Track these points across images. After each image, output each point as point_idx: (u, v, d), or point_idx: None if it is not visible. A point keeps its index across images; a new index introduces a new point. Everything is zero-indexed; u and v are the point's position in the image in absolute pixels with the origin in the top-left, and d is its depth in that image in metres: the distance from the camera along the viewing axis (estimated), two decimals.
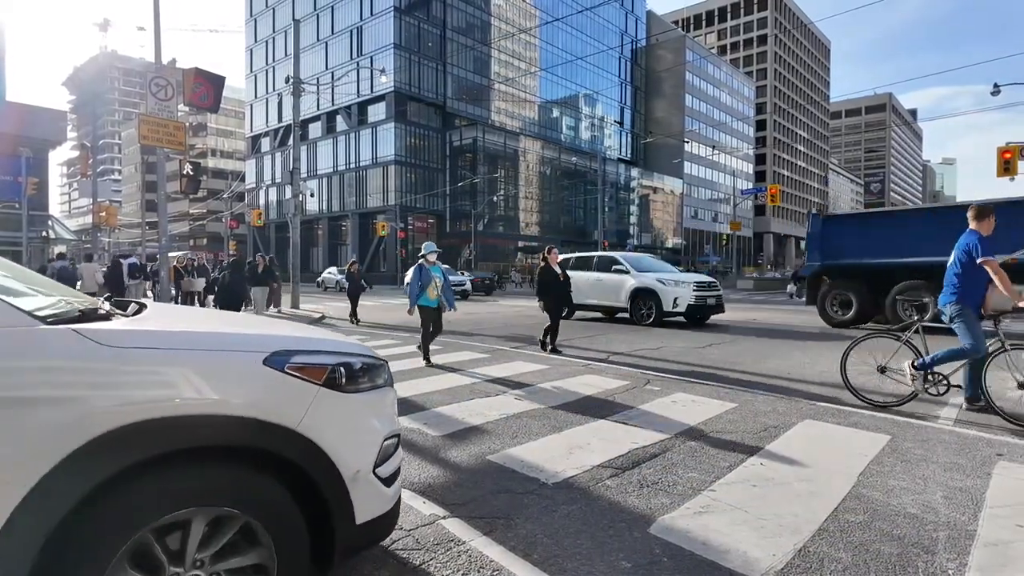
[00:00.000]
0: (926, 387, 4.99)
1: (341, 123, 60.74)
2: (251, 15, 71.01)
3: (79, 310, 1.88)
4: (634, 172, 77.55)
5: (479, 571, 2.33)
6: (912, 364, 5.02)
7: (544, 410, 4.98)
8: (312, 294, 29.89)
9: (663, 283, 12.23)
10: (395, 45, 54.25)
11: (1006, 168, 17.22)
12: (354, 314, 13.99)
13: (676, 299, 11.94)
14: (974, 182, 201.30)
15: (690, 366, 7.30)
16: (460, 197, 55.44)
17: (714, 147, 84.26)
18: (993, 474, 3.40)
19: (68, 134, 50.83)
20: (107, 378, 1.59)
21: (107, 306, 2.10)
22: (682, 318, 12.42)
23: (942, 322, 5.06)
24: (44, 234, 27.84)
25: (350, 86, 54.52)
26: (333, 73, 57.14)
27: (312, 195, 59.46)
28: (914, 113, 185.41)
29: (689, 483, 3.27)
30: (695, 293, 12.06)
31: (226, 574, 1.74)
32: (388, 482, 2.11)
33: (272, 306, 14.93)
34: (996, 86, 21.47)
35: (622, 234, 71.03)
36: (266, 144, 68.45)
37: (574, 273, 13.63)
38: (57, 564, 1.47)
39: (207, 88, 12.33)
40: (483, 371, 6.90)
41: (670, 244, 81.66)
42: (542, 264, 8.82)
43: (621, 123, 79.25)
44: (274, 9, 66.80)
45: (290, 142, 20.10)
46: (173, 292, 15.32)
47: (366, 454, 2.02)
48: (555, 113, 70.24)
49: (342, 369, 1.99)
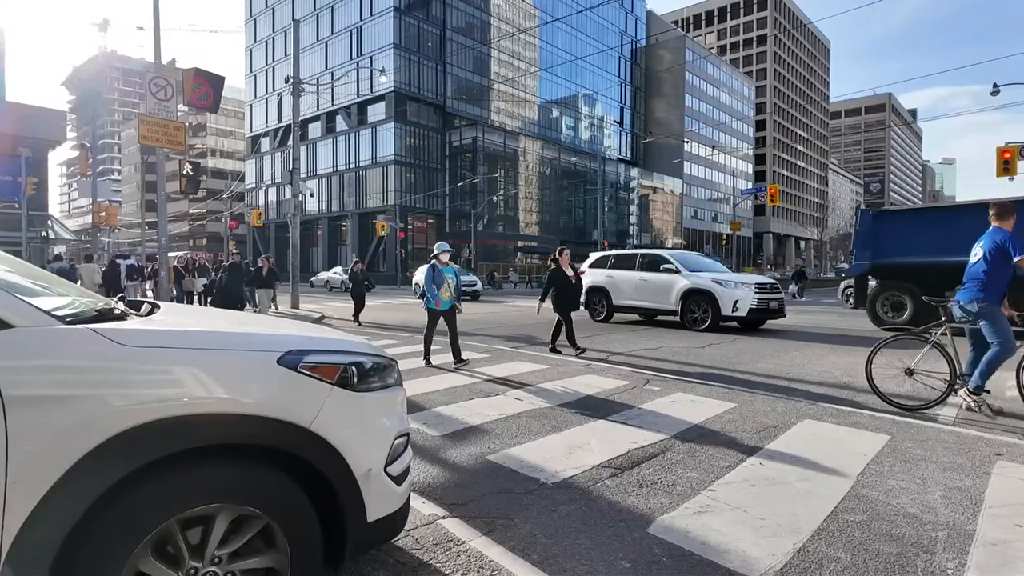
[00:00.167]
0: (979, 407, 4.74)
1: (341, 123, 60.74)
2: (251, 15, 71.03)
3: (96, 310, 1.90)
4: (634, 172, 77.59)
5: (479, 571, 2.33)
6: (969, 391, 4.78)
7: (544, 410, 4.99)
8: (308, 294, 29.86)
9: (721, 284, 11.07)
10: (395, 45, 54.27)
11: (1005, 168, 17.24)
12: (357, 315, 13.84)
13: (736, 302, 10.83)
14: (973, 182, 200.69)
15: (689, 366, 7.30)
16: (460, 197, 55.46)
17: (714, 147, 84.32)
18: (992, 474, 3.40)
19: (67, 134, 50.77)
20: (125, 376, 1.60)
21: (121, 306, 2.13)
22: (735, 323, 11.28)
23: (966, 321, 4.86)
24: (44, 234, 27.83)
25: (350, 86, 54.53)
26: (333, 73, 57.16)
27: (312, 195, 59.51)
28: (914, 113, 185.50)
29: (688, 483, 3.27)
30: (757, 296, 10.94)
31: (240, 574, 1.76)
32: (398, 480, 2.13)
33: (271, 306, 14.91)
34: (995, 86, 21.49)
35: (622, 234, 71.09)
36: (266, 144, 68.48)
37: (615, 272, 12.83)
38: (83, 550, 1.51)
39: (207, 88, 12.33)
40: (483, 371, 6.90)
41: (670, 244, 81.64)
42: (552, 266, 8.46)
43: (621, 123, 79.27)
44: (274, 9, 66.82)
45: (290, 142, 20.10)
46: (175, 292, 15.31)
47: (377, 452, 2.03)
48: (555, 113, 70.25)
49: (354, 368, 2.01)
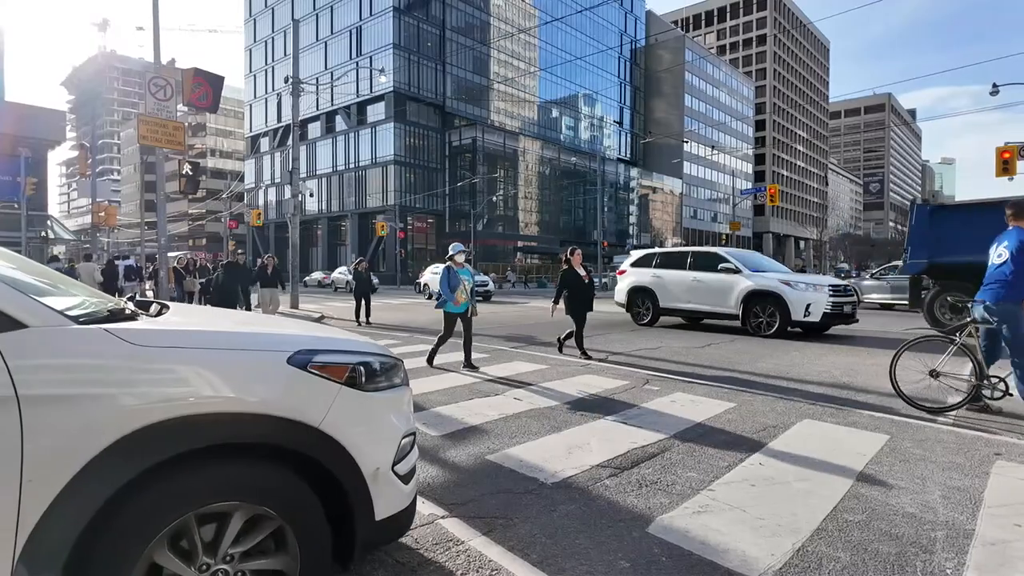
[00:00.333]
0: (994, 395, 4.76)
1: (340, 123, 60.73)
2: (250, 15, 71.01)
3: (108, 310, 1.91)
4: (633, 172, 77.60)
5: (478, 571, 2.33)
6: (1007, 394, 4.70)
7: (543, 410, 4.99)
8: (303, 294, 29.85)
9: (791, 286, 10.12)
10: (394, 45, 54.26)
11: (1005, 168, 17.24)
12: (358, 314, 13.63)
13: (808, 306, 9.89)
14: (973, 182, 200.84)
15: (689, 366, 7.30)
16: (459, 197, 55.44)
17: (713, 147, 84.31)
18: (991, 473, 3.41)
19: (67, 134, 50.73)
20: (139, 376, 1.62)
21: (131, 306, 2.14)
22: (799, 328, 10.28)
23: (989, 323, 4.75)
24: (43, 234, 27.85)
25: (349, 86, 54.51)
26: (332, 73, 57.14)
27: (311, 195, 59.49)
28: (913, 113, 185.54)
29: (688, 483, 3.27)
30: (832, 299, 9.95)
31: (250, 574, 1.77)
32: (406, 479, 2.15)
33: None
34: (995, 86, 21.51)
35: (621, 234, 71.09)
36: (265, 144, 68.47)
37: (662, 272, 11.96)
38: (97, 546, 1.52)
39: (206, 88, 12.33)
40: (482, 371, 6.90)
41: (669, 244, 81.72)
42: (565, 266, 8.13)
43: (620, 123, 79.26)
44: (273, 9, 66.80)
45: (289, 142, 20.10)
46: (176, 293, 15.30)
47: (385, 452, 2.05)
48: (554, 113, 70.25)
49: (362, 368, 2.03)
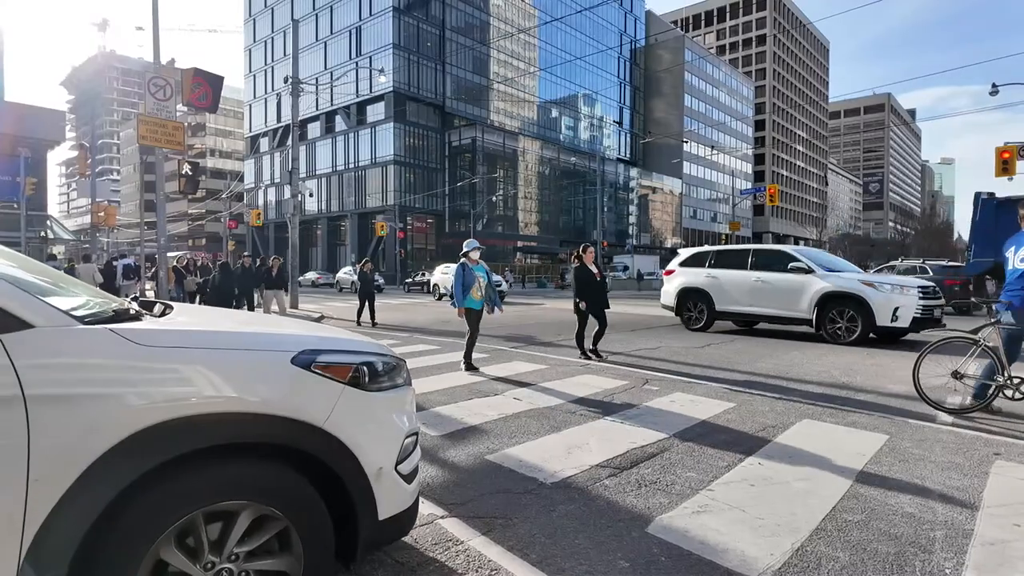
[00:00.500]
0: (1015, 396, 4.67)
1: (340, 123, 60.72)
2: (250, 15, 70.99)
3: (112, 310, 1.92)
4: (633, 172, 77.60)
5: (477, 571, 2.33)
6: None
7: (543, 410, 4.99)
8: (304, 294, 29.85)
9: (875, 287, 9.01)
10: (394, 45, 54.25)
11: (1004, 168, 17.25)
12: (360, 315, 13.38)
13: (897, 310, 8.78)
14: (972, 182, 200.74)
15: (688, 366, 7.30)
16: (459, 197, 55.45)
17: (713, 147, 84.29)
18: (990, 473, 3.41)
19: (66, 134, 50.74)
20: (144, 376, 1.63)
21: (136, 306, 2.14)
22: (872, 334, 9.15)
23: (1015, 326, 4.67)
24: (42, 234, 27.86)
25: (349, 86, 54.52)
26: (332, 73, 57.13)
27: (311, 195, 59.44)
28: (913, 113, 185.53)
29: (687, 483, 3.28)
30: (922, 302, 8.88)
31: (253, 574, 1.78)
32: (408, 479, 2.16)
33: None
34: (994, 86, 21.53)
35: (621, 234, 71.10)
36: (265, 144, 68.45)
37: (718, 272, 10.85)
38: (104, 544, 1.53)
39: (206, 88, 12.33)
40: (482, 371, 6.90)
41: (669, 244, 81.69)
42: (576, 263, 7.90)
43: (620, 123, 79.27)
44: (273, 9, 66.78)
45: (289, 142, 20.11)
46: (177, 293, 15.29)
47: (388, 451, 2.06)
48: (554, 113, 70.25)
49: (365, 368, 2.04)
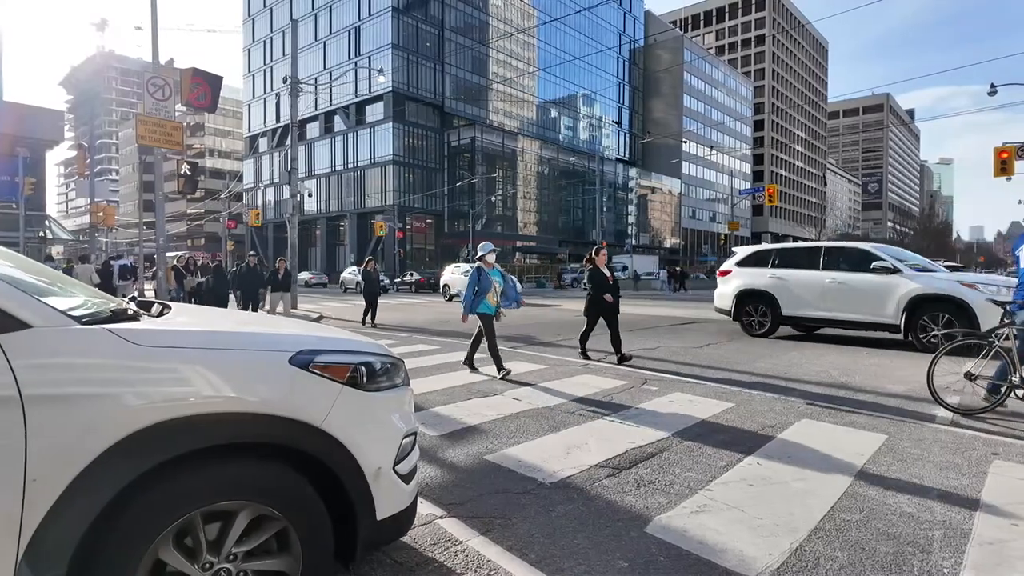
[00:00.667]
0: None
1: (339, 123, 60.71)
2: (249, 15, 70.96)
3: (110, 310, 1.92)
4: (632, 172, 77.65)
5: (476, 571, 2.33)
6: None
7: (542, 410, 4.98)
8: (303, 294, 29.84)
9: (977, 288, 7.99)
10: (393, 45, 54.25)
11: (1003, 168, 17.30)
12: (366, 315, 13.22)
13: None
14: (971, 182, 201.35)
15: (687, 366, 7.30)
16: (458, 197, 55.44)
17: (712, 147, 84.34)
18: (989, 473, 3.41)
19: (65, 134, 50.63)
20: (141, 376, 1.62)
21: (133, 306, 2.14)
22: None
23: None
24: (41, 234, 27.81)
25: (348, 86, 54.50)
26: (331, 73, 57.14)
27: (310, 195, 59.43)
28: (912, 113, 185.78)
29: (686, 483, 3.28)
30: None
31: (253, 574, 1.78)
32: (407, 479, 2.16)
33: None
34: (993, 86, 21.57)
35: (620, 234, 71.12)
36: (264, 144, 68.42)
37: (784, 272, 9.91)
38: (102, 544, 1.53)
39: (205, 88, 12.33)
40: (481, 371, 6.89)
41: (668, 244, 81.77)
42: (589, 266, 7.83)
43: (619, 123, 79.31)
44: (272, 9, 66.76)
45: (288, 142, 20.12)
46: (176, 293, 15.29)
47: (387, 451, 2.06)
48: (553, 113, 70.28)
49: (363, 368, 2.04)
